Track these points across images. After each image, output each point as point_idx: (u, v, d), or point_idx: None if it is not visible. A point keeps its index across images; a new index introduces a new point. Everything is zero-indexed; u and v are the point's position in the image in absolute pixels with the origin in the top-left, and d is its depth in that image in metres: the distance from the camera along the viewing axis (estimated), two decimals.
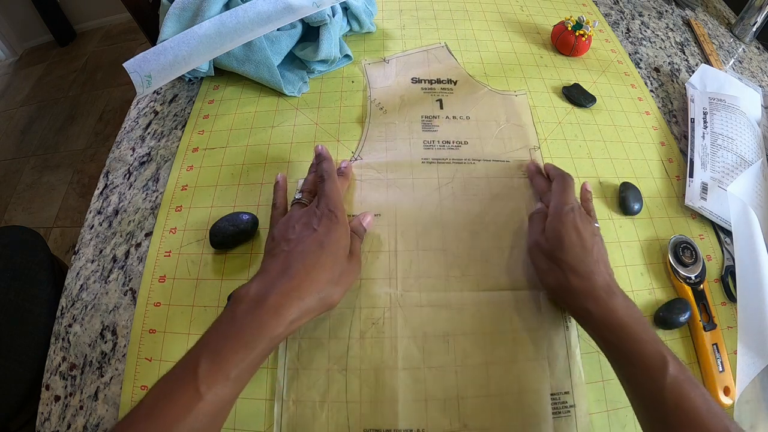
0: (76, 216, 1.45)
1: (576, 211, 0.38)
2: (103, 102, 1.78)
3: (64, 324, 0.40)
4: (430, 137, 0.49)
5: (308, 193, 0.40)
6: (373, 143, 0.48)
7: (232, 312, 0.30)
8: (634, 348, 0.30)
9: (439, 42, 0.59)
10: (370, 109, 0.51)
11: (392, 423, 0.34)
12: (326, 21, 0.51)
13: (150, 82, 0.44)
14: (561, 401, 0.35)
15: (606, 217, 0.45)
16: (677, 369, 0.29)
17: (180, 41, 0.44)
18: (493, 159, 0.47)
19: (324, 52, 0.51)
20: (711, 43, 0.65)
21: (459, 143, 0.48)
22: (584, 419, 0.35)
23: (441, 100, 0.53)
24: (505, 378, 0.36)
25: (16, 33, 2.02)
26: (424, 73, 0.55)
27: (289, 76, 0.53)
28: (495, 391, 0.35)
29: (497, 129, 0.50)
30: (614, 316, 0.32)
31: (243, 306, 0.30)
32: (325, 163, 0.40)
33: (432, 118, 0.51)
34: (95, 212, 0.46)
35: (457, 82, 0.55)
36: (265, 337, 0.29)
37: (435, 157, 0.47)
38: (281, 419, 0.34)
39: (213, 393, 0.26)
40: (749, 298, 0.38)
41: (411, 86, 0.54)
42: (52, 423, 0.36)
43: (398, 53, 0.58)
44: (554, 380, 0.36)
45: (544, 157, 0.48)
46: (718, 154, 0.49)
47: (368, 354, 0.36)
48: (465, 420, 0.34)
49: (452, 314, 0.38)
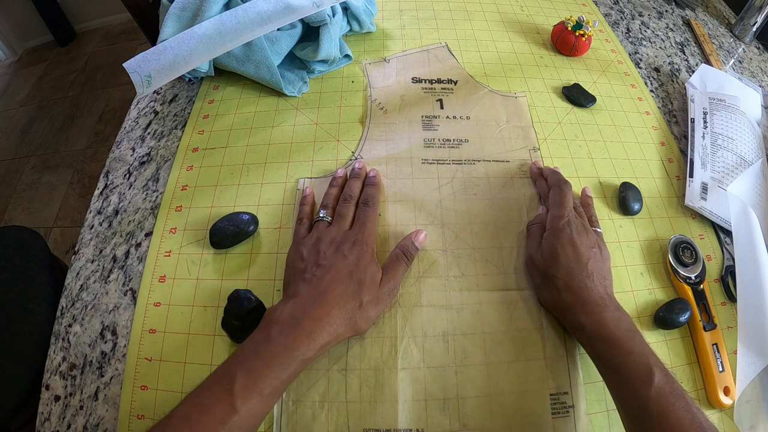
0: (76, 216, 1.45)
1: (572, 224, 0.38)
2: (103, 102, 1.78)
3: (64, 324, 0.40)
4: (431, 136, 0.49)
5: (332, 210, 0.40)
6: (374, 143, 0.48)
7: (266, 333, 0.31)
8: (621, 360, 0.31)
9: (440, 42, 0.59)
10: (370, 108, 0.51)
11: (392, 423, 0.34)
12: (326, 21, 0.51)
13: (150, 82, 0.44)
14: (560, 401, 0.35)
15: (606, 217, 0.45)
16: (663, 380, 0.29)
17: (180, 41, 0.44)
18: (493, 159, 0.47)
19: (324, 52, 0.51)
20: (711, 43, 0.65)
21: (459, 142, 0.48)
22: (583, 419, 0.35)
23: (441, 100, 0.53)
24: (504, 378, 0.36)
25: (16, 33, 2.02)
26: (425, 73, 0.55)
27: (289, 76, 0.53)
28: (494, 391, 0.35)
29: (497, 129, 0.50)
30: (604, 328, 0.32)
31: (277, 327, 0.31)
32: (372, 189, 0.42)
33: (432, 117, 0.51)
34: (95, 212, 0.46)
35: (457, 82, 0.55)
36: (297, 358, 0.30)
37: (435, 157, 0.47)
38: (281, 419, 0.34)
39: (247, 408, 0.28)
40: (749, 298, 0.38)
41: (411, 86, 0.54)
42: (52, 423, 0.36)
43: (398, 53, 0.58)
44: (554, 380, 0.36)
45: (544, 157, 0.48)
46: (718, 154, 0.49)
47: (368, 354, 0.36)
48: (464, 420, 0.34)
49: (452, 314, 0.38)
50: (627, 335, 0.32)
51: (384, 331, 0.37)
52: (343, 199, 0.41)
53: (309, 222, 0.41)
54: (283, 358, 0.30)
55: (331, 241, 0.37)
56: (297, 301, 0.33)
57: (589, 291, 0.34)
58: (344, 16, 0.56)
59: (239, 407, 0.27)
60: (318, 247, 0.37)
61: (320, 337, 0.32)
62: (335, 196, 0.42)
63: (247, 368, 0.29)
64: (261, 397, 0.29)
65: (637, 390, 0.29)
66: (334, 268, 0.35)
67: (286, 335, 0.31)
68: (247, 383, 0.28)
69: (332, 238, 0.37)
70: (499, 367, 0.36)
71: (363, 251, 0.36)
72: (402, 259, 0.38)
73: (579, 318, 0.34)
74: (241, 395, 0.28)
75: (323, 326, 0.32)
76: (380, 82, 0.54)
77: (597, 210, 0.45)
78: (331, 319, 0.32)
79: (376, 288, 0.35)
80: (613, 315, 0.33)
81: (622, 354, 0.31)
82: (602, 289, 0.35)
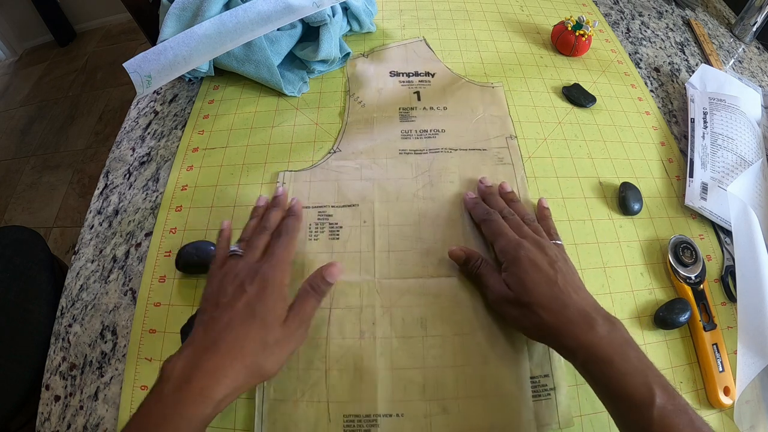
0: (76, 216, 1.45)
1: (524, 246, 0.36)
2: (103, 102, 1.78)
3: (64, 324, 0.40)
4: (408, 127, 0.49)
5: (246, 242, 0.37)
6: (352, 136, 0.49)
7: (159, 391, 0.28)
8: (620, 383, 0.29)
9: (418, 37, 0.60)
10: (349, 103, 0.52)
11: (371, 409, 0.34)
12: (326, 21, 0.51)
13: (150, 82, 0.44)
14: (541, 384, 0.35)
15: (606, 217, 0.45)
16: (665, 399, 0.28)
17: (180, 41, 0.44)
18: (470, 148, 0.48)
19: (324, 52, 0.51)
20: (711, 43, 0.65)
21: (436, 132, 0.49)
22: (565, 402, 0.35)
23: (419, 92, 0.53)
24: (484, 363, 0.36)
25: (16, 33, 2.02)
26: (403, 66, 0.56)
27: (289, 76, 0.53)
28: (473, 376, 0.35)
29: (474, 119, 0.50)
30: (596, 350, 0.30)
31: (169, 386, 0.28)
32: (291, 220, 0.38)
33: (410, 109, 0.51)
34: (95, 212, 0.46)
35: (435, 74, 0.55)
36: (191, 420, 0.27)
37: (412, 147, 0.48)
38: (262, 410, 0.34)
39: None
40: (749, 298, 0.38)
41: (389, 79, 0.54)
42: (52, 423, 0.36)
43: (377, 48, 0.58)
44: (533, 363, 0.36)
45: (544, 157, 0.48)
46: (718, 154, 0.49)
47: (347, 341, 0.36)
48: (444, 404, 0.34)
49: (429, 300, 0.38)
50: (622, 353, 0.30)
51: (362, 319, 0.37)
52: (258, 230, 0.38)
53: (221, 260, 0.36)
54: (178, 421, 0.27)
55: (235, 275, 0.33)
56: (190, 351, 0.30)
57: (568, 308, 0.32)
58: (344, 16, 0.56)
59: None
60: (221, 284, 0.33)
61: (214, 392, 0.28)
62: (253, 227, 0.38)
63: None
64: None
65: (639, 413, 0.28)
66: (232, 308, 0.31)
67: (177, 395, 0.28)
68: None
69: (237, 272, 0.34)
70: (478, 353, 0.36)
71: (267, 284, 0.33)
72: (310, 293, 0.34)
73: (567, 342, 0.31)
74: None
75: (217, 379, 0.29)
76: (358, 76, 0.55)
77: (597, 210, 0.45)
78: (226, 370, 0.29)
79: (280, 325, 0.32)
80: (603, 330, 0.31)
81: (618, 376, 0.29)
82: (582, 303, 0.33)
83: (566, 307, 0.32)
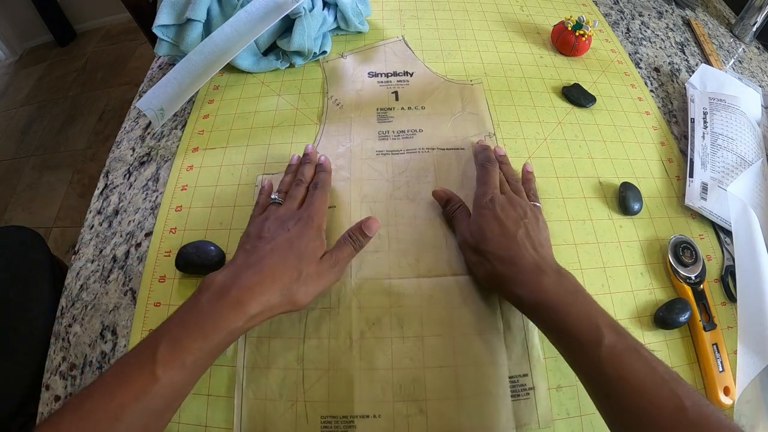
0: (76, 216, 1.45)
1: (496, 200, 0.38)
2: (103, 102, 1.78)
3: (64, 324, 0.40)
4: (385, 128, 0.49)
5: (285, 194, 0.41)
6: (330, 138, 0.49)
7: (196, 300, 0.31)
8: (566, 324, 0.30)
9: (397, 36, 0.60)
10: (326, 105, 0.52)
11: (348, 410, 0.34)
12: (301, 13, 0.51)
13: (163, 114, 0.48)
14: (520, 384, 0.35)
15: (606, 217, 0.45)
16: (614, 338, 0.28)
17: (181, 71, 0.47)
18: (448, 147, 0.48)
19: (296, 44, 0.52)
20: (711, 43, 0.65)
21: (414, 132, 0.49)
22: (544, 402, 0.35)
23: (397, 92, 0.53)
24: (462, 364, 0.36)
25: (16, 33, 2.02)
26: (381, 67, 0.56)
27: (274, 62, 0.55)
28: (451, 377, 0.35)
29: (452, 117, 0.50)
30: (542, 295, 0.32)
31: (207, 295, 0.31)
32: (323, 175, 0.42)
33: (387, 110, 0.51)
34: (95, 212, 0.46)
35: (413, 74, 0.55)
36: (223, 329, 0.30)
37: (389, 148, 0.48)
38: (241, 411, 0.34)
39: (169, 377, 0.27)
40: (749, 298, 0.38)
41: (367, 80, 0.54)
42: None
43: (356, 48, 0.58)
44: (512, 363, 0.36)
45: (545, 158, 0.48)
46: (718, 154, 0.49)
47: (324, 343, 0.36)
48: (421, 405, 0.34)
49: (407, 300, 0.38)
50: (569, 298, 0.31)
51: (340, 320, 0.37)
52: (295, 183, 0.41)
53: (263, 206, 0.41)
54: (209, 329, 0.29)
55: (277, 218, 0.37)
56: (232, 269, 0.33)
57: (521, 258, 0.34)
58: (332, 13, 0.56)
59: (160, 376, 0.27)
60: (264, 224, 0.37)
61: (249, 306, 0.31)
62: (289, 182, 0.42)
63: (172, 337, 0.29)
64: (183, 368, 0.28)
65: (587, 353, 0.29)
66: (275, 241, 0.35)
67: (214, 303, 0.30)
68: (170, 353, 0.28)
69: (279, 215, 0.38)
70: (456, 353, 0.36)
71: (307, 226, 0.36)
72: (348, 241, 0.37)
73: (515, 289, 0.33)
74: (163, 365, 0.27)
75: (254, 295, 0.31)
76: (337, 78, 0.54)
77: (596, 210, 0.45)
78: (264, 288, 0.32)
79: (316, 262, 0.35)
80: (552, 279, 0.32)
81: (566, 318, 0.30)
82: (536, 257, 0.34)
83: (518, 257, 0.34)
